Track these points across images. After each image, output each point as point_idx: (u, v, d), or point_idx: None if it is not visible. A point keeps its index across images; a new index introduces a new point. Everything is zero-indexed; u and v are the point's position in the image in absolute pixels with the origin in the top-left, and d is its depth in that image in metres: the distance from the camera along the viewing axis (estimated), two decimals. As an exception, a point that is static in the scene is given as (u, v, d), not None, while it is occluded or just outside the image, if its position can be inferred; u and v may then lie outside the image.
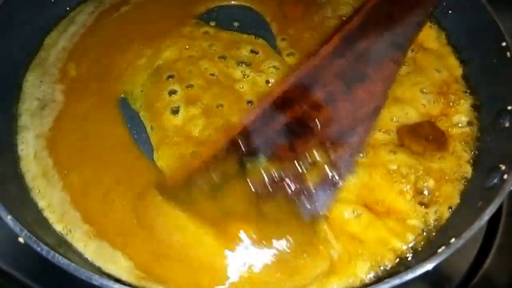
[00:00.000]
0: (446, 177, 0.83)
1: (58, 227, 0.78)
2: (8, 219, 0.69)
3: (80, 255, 0.76)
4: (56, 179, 0.82)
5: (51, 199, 0.80)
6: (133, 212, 0.78)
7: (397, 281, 0.65)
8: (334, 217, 0.78)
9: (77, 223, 0.78)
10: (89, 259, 0.76)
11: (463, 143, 0.87)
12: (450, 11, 1.02)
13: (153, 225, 0.76)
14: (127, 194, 0.80)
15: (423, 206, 0.80)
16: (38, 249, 0.66)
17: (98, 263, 0.75)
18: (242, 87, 0.93)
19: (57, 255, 0.65)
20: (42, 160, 0.83)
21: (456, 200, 0.81)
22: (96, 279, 0.63)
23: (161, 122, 0.88)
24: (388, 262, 0.76)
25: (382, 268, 0.75)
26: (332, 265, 0.74)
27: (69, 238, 0.77)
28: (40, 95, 0.91)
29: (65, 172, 0.82)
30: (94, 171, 0.82)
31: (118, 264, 0.75)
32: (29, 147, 0.85)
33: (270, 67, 0.96)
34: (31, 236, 0.67)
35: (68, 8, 1.06)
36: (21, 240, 0.68)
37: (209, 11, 1.08)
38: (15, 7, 0.92)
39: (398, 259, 0.76)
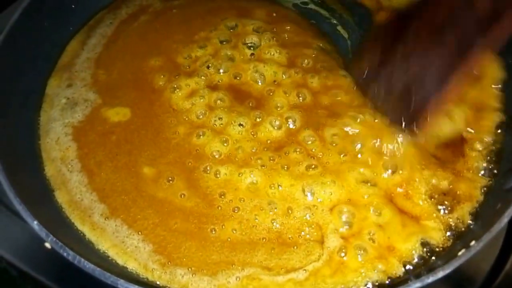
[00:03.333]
0: (465, 178, 0.83)
1: (80, 225, 0.81)
2: (35, 224, 0.70)
3: (103, 257, 0.78)
4: (75, 163, 0.87)
5: (69, 186, 0.85)
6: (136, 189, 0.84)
7: (418, 284, 0.65)
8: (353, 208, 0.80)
9: (95, 206, 0.82)
10: (113, 257, 0.78)
11: (481, 144, 0.86)
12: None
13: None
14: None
15: (442, 207, 0.80)
16: (65, 254, 0.68)
17: (122, 259, 0.77)
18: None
19: (83, 260, 0.67)
20: (63, 145, 0.89)
21: (475, 201, 0.81)
22: (122, 284, 0.65)
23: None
24: (394, 269, 0.75)
25: (383, 269, 0.75)
26: (329, 259, 0.76)
27: (88, 232, 0.80)
28: (69, 96, 0.96)
29: (86, 153, 0.88)
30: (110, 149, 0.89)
31: (139, 251, 0.78)
32: (52, 134, 0.91)
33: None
34: (57, 241, 0.68)
35: (86, 18, 1.09)
36: (47, 245, 0.69)
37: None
38: (34, 17, 0.95)
39: (404, 267, 0.76)
